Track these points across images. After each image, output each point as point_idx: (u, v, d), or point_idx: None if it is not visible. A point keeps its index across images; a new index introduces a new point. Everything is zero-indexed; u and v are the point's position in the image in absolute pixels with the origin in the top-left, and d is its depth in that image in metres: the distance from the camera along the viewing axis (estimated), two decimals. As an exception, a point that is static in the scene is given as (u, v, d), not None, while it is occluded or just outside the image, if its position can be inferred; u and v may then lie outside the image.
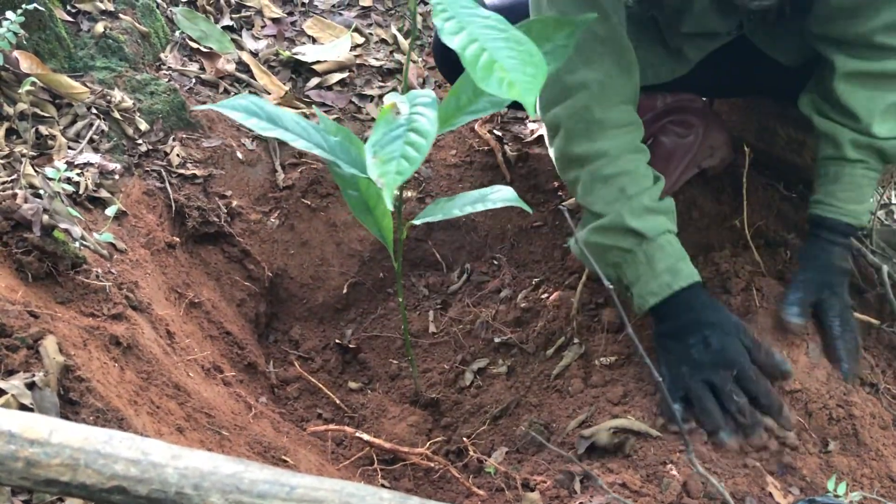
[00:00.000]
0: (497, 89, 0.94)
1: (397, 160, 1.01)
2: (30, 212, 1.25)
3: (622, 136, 1.37)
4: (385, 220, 1.37)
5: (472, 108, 1.26)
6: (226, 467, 0.78)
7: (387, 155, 1.02)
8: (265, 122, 1.20)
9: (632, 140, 1.38)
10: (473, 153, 2.10)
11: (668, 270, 1.34)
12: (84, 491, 0.74)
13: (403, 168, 1.01)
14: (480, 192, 1.32)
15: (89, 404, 1.05)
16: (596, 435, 1.33)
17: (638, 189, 1.35)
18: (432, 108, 1.07)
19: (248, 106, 1.20)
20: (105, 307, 1.28)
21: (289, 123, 1.22)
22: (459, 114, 1.26)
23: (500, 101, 1.25)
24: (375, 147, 1.03)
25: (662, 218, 1.36)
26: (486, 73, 0.94)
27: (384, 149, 1.03)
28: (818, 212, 1.45)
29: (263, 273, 1.85)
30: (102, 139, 1.66)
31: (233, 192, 1.88)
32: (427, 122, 1.04)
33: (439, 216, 1.32)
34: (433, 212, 1.33)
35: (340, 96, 2.18)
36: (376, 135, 1.04)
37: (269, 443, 1.33)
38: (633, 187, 1.35)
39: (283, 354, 1.83)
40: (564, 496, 1.25)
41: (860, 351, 1.43)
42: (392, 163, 1.01)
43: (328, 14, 2.42)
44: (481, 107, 1.26)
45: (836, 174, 1.43)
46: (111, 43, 1.88)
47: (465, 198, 1.33)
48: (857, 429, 1.33)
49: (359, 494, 0.80)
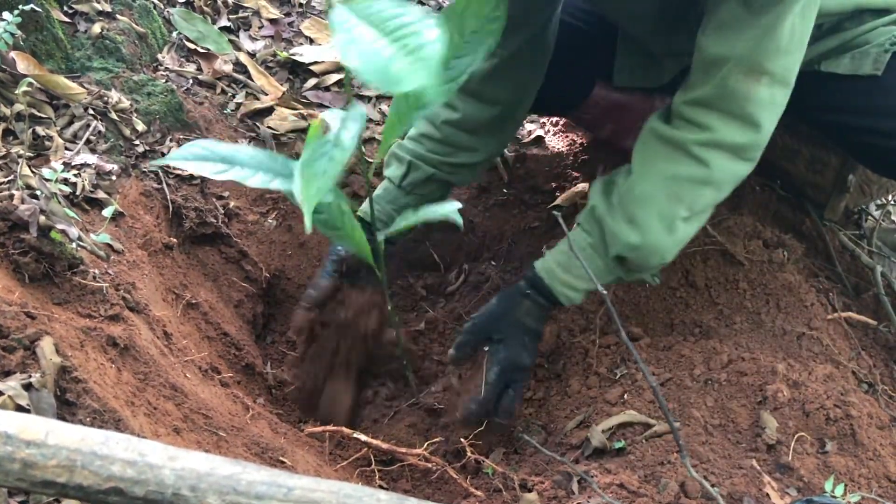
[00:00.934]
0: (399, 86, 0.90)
1: (321, 178, 1.01)
2: (27, 212, 1.24)
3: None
4: (356, 233, 1.35)
5: (421, 103, 1.25)
6: (223, 468, 0.77)
7: (312, 174, 1.02)
8: (219, 165, 1.18)
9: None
10: (471, 154, 2.10)
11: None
12: (81, 492, 0.74)
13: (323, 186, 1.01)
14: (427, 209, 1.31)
15: (86, 405, 1.05)
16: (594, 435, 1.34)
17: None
18: (359, 121, 1.07)
19: (198, 153, 1.19)
20: (102, 308, 1.28)
21: (244, 160, 1.20)
22: (411, 111, 1.25)
23: (449, 88, 1.25)
24: (304, 165, 1.03)
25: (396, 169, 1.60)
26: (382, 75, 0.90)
27: (310, 167, 1.03)
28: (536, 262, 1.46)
29: (261, 274, 1.85)
30: (99, 140, 1.66)
31: (230, 193, 1.88)
32: (349, 137, 1.04)
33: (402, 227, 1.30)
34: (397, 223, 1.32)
35: (338, 97, 2.18)
36: (306, 153, 1.04)
37: (267, 444, 1.33)
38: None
39: (281, 355, 1.83)
40: (562, 497, 1.25)
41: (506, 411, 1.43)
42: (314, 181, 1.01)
43: (326, 15, 2.42)
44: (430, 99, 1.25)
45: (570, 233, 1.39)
46: (108, 44, 1.87)
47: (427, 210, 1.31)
48: (855, 429, 1.33)
49: (356, 495, 0.80)
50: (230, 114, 2.02)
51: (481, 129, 1.55)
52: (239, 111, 2.04)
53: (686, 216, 1.32)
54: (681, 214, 1.31)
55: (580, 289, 1.41)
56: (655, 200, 1.31)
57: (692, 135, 1.28)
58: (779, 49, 1.21)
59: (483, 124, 1.54)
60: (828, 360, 1.47)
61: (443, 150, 1.57)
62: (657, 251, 1.33)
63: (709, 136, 1.27)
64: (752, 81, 1.22)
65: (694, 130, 1.28)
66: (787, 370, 1.42)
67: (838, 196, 1.81)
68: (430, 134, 1.57)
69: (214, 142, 1.20)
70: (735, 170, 1.30)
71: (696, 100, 1.28)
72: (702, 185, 1.30)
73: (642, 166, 1.34)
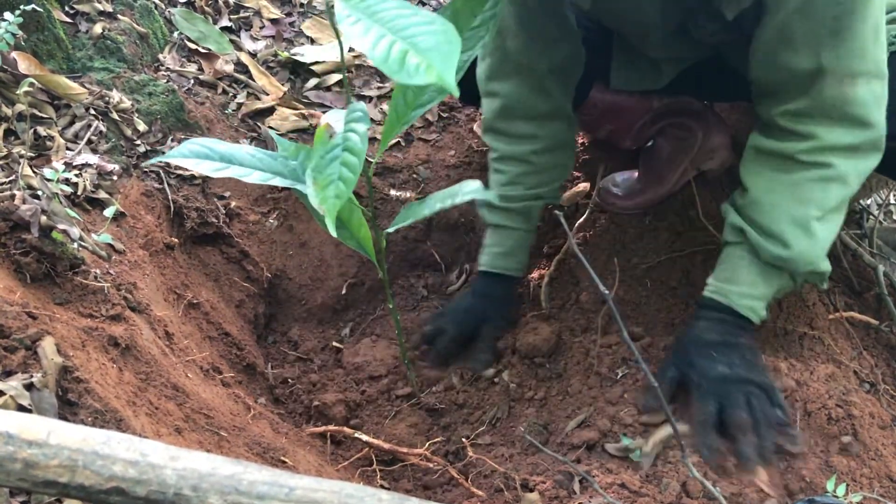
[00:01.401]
0: (415, 76, 0.91)
1: (335, 184, 1.03)
2: (28, 213, 1.24)
3: (509, 147, 1.62)
4: (362, 230, 1.35)
5: (419, 102, 1.26)
6: (224, 468, 0.78)
7: (325, 180, 1.03)
8: (218, 163, 1.19)
9: (517, 151, 1.61)
10: (472, 153, 2.10)
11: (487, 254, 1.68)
12: (82, 492, 0.74)
13: (341, 191, 1.03)
14: (450, 190, 1.32)
15: (88, 405, 1.05)
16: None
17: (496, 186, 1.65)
18: (364, 122, 1.08)
19: (198, 151, 1.19)
20: (103, 308, 1.28)
21: (243, 159, 1.20)
22: (409, 111, 1.26)
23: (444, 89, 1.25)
24: (315, 172, 1.04)
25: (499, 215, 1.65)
26: (399, 65, 0.91)
27: (322, 173, 1.04)
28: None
29: (262, 274, 1.85)
30: (101, 140, 1.66)
31: (231, 193, 1.88)
32: (358, 140, 1.06)
33: (409, 220, 1.31)
34: (404, 217, 1.33)
35: (339, 97, 2.18)
36: (314, 159, 1.05)
37: (268, 444, 1.33)
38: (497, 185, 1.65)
39: (282, 355, 1.83)
40: (564, 497, 1.25)
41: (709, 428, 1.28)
42: (330, 187, 1.02)
43: (327, 15, 2.42)
44: (427, 98, 1.26)
45: (721, 256, 1.40)
46: (109, 44, 1.87)
47: (434, 197, 1.32)
48: (857, 429, 1.33)
49: (357, 495, 0.80)
50: (231, 114, 2.03)
51: (562, 145, 1.63)
52: (240, 111, 2.04)
53: (819, 216, 1.29)
54: (813, 215, 1.29)
55: (757, 295, 1.35)
56: (783, 208, 1.30)
57: (798, 144, 1.27)
58: (865, 48, 1.20)
59: (563, 140, 1.63)
60: (829, 360, 1.47)
61: (545, 179, 1.64)
62: (804, 258, 1.31)
63: (815, 143, 1.26)
64: (848, 85, 1.21)
65: (799, 140, 1.27)
66: (789, 370, 1.42)
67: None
68: (525, 171, 1.62)
69: (214, 140, 1.21)
70: (857, 166, 1.28)
71: (795, 112, 1.27)
72: (825, 183, 1.28)
73: (757, 181, 1.33)
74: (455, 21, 1.25)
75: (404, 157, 2.09)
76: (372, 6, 0.98)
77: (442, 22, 0.96)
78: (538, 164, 1.62)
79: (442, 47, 0.92)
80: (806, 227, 1.29)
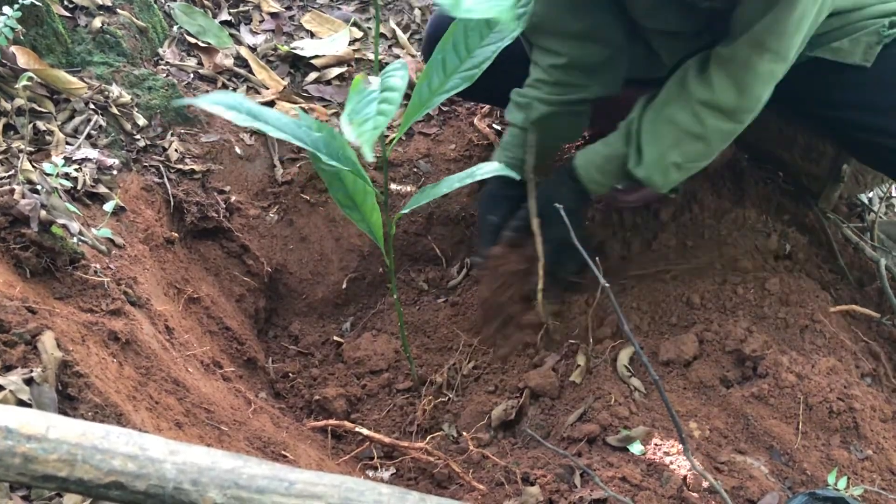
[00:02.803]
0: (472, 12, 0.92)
1: (373, 118, 1.05)
2: (27, 207, 1.24)
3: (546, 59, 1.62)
4: (374, 215, 1.36)
5: (444, 89, 1.27)
6: (224, 462, 0.77)
7: (362, 118, 1.05)
8: (245, 116, 1.19)
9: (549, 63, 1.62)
10: (473, 147, 2.10)
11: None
12: (82, 486, 0.74)
13: (379, 122, 1.04)
14: (468, 170, 1.32)
15: (88, 400, 1.05)
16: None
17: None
18: (404, 69, 1.12)
19: (227, 102, 1.19)
20: (103, 303, 1.28)
21: (270, 118, 1.21)
22: (433, 96, 1.27)
23: (471, 75, 1.27)
24: (351, 115, 1.06)
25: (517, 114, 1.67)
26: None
27: (359, 114, 1.06)
28: None
29: (263, 268, 1.84)
30: (100, 134, 1.65)
31: (231, 188, 1.87)
32: (399, 79, 1.09)
33: (425, 200, 1.32)
34: (420, 199, 1.33)
35: (339, 91, 2.18)
36: (350, 105, 1.08)
37: (269, 438, 1.33)
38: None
39: (283, 350, 1.83)
40: (564, 490, 1.25)
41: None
42: (368, 123, 1.04)
43: (326, 8, 2.42)
44: (453, 84, 1.27)
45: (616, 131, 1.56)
46: (109, 38, 1.87)
47: (451, 178, 1.33)
48: (858, 422, 1.33)
49: (358, 489, 0.80)
50: (231, 108, 2.02)
51: (593, 68, 1.61)
52: (240, 105, 2.03)
53: (678, 162, 1.47)
54: (673, 160, 1.46)
55: (607, 185, 1.60)
56: (662, 141, 1.46)
57: (701, 93, 1.41)
58: (784, 31, 1.31)
59: (594, 64, 1.60)
60: (831, 353, 1.47)
61: (557, 91, 1.62)
62: (651, 184, 1.51)
63: (711, 96, 1.39)
64: (756, 55, 1.34)
65: (704, 88, 1.40)
66: (791, 363, 1.41)
67: (833, 185, 1.81)
68: (542, 78, 1.63)
69: (241, 96, 1.21)
70: (723, 127, 1.43)
71: (720, 56, 1.38)
72: (695, 140, 1.44)
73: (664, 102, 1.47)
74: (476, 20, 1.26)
75: (405, 151, 2.09)
76: None
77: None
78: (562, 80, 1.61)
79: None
80: (665, 167, 1.47)
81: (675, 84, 1.46)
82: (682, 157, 1.46)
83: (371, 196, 1.35)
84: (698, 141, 1.44)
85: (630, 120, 1.52)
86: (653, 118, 1.48)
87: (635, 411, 1.41)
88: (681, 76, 1.46)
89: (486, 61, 1.26)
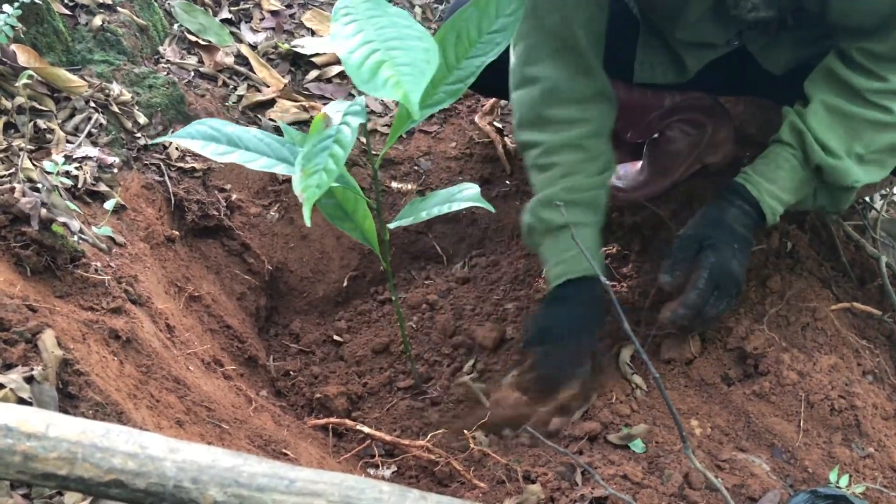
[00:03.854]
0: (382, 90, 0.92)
1: (319, 174, 1.02)
2: (28, 205, 1.24)
3: (563, 133, 1.47)
4: (366, 222, 1.34)
5: (430, 102, 1.23)
6: (224, 461, 0.77)
7: (311, 168, 1.02)
8: (223, 146, 1.17)
9: (572, 137, 1.47)
10: (473, 145, 2.09)
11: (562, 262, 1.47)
12: (82, 485, 0.74)
13: (322, 182, 1.02)
14: (448, 192, 1.30)
15: (88, 398, 1.05)
16: None
17: (551, 183, 1.47)
18: (360, 116, 1.07)
19: (205, 132, 1.18)
20: (104, 301, 1.28)
21: (250, 143, 1.19)
22: (423, 110, 1.23)
23: (456, 90, 1.24)
24: (304, 160, 1.03)
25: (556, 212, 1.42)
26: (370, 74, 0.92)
27: (310, 162, 1.03)
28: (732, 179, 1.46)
29: (263, 266, 1.84)
30: (101, 133, 1.65)
31: (232, 186, 1.87)
32: (349, 133, 1.05)
33: (410, 220, 1.30)
34: (407, 214, 1.32)
35: (340, 89, 2.18)
36: (306, 147, 1.05)
37: (270, 436, 1.33)
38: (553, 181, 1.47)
39: (284, 348, 1.83)
40: (566, 488, 1.25)
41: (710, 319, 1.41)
42: (314, 176, 1.01)
43: (327, 6, 2.41)
44: (438, 99, 1.24)
45: (766, 152, 1.43)
46: (109, 36, 1.87)
47: (434, 198, 1.31)
48: (860, 420, 1.33)
49: (358, 487, 0.80)
50: (232, 106, 2.02)
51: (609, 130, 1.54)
52: (241, 104, 2.03)
53: (861, 154, 1.36)
54: (856, 150, 1.36)
55: (784, 200, 1.42)
56: (836, 132, 1.36)
57: (869, 83, 1.32)
58: None
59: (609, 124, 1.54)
60: (832, 351, 1.46)
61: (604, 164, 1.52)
62: (848, 173, 1.37)
63: (884, 85, 1.32)
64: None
65: (870, 79, 1.32)
66: (792, 360, 1.41)
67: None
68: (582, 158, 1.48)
69: (222, 121, 1.20)
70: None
71: (871, 52, 1.31)
72: (880, 127, 1.34)
73: (823, 99, 1.37)
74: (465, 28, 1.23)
75: (405, 149, 2.08)
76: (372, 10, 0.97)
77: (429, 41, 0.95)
78: (592, 149, 1.49)
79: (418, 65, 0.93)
80: (850, 156, 1.35)
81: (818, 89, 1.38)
82: (864, 147, 1.36)
83: (362, 203, 1.33)
84: (884, 130, 1.35)
85: (789, 122, 1.40)
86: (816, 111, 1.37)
87: (637, 409, 1.41)
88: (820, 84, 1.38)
89: (472, 76, 1.23)
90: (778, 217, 1.42)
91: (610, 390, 1.44)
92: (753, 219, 1.42)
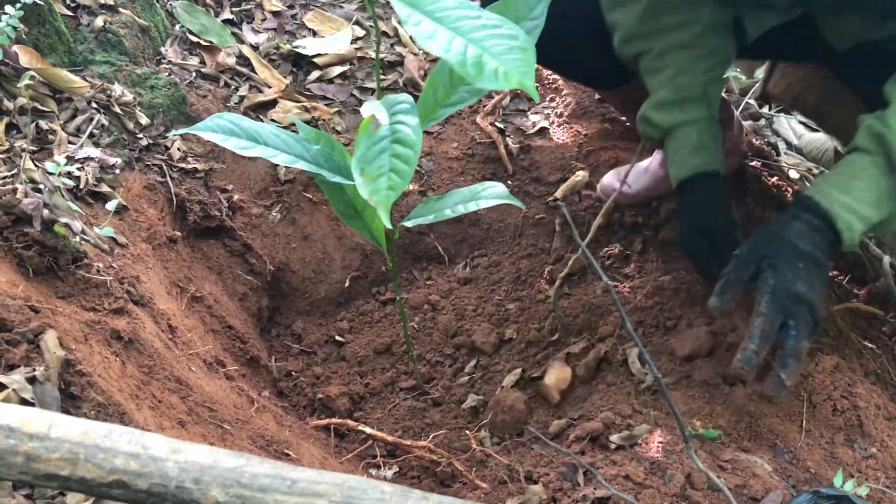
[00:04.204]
0: (495, 82, 0.90)
1: (387, 175, 0.99)
2: (30, 206, 1.24)
3: (666, 39, 1.42)
4: (375, 221, 1.34)
5: (450, 101, 1.23)
6: (226, 461, 0.77)
7: (375, 171, 1.00)
8: (245, 141, 1.17)
9: (684, 39, 1.42)
10: (475, 145, 2.09)
11: (675, 163, 1.44)
12: (84, 485, 0.74)
13: (396, 183, 1.00)
14: (472, 190, 1.30)
15: (90, 399, 1.05)
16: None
17: (662, 84, 1.43)
18: (412, 114, 1.05)
19: (225, 126, 1.17)
20: (106, 301, 1.28)
21: (269, 138, 1.19)
22: (438, 108, 1.24)
23: (477, 90, 1.23)
24: (362, 163, 1.00)
25: (675, 111, 1.42)
26: (477, 70, 0.90)
27: (371, 164, 1.00)
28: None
29: (265, 267, 1.84)
30: (103, 133, 1.66)
31: (234, 186, 1.87)
32: (411, 132, 1.02)
33: (431, 217, 1.30)
34: (424, 212, 1.31)
35: (341, 89, 2.18)
36: (360, 150, 1.02)
37: (272, 437, 1.33)
38: (664, 83, 1.43)
39: (286, 348, 1.83)
40: (568, 488, 1.25)
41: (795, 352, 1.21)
42: (382, 179, 0.99)
43: (328, 7, 2.41)
44: (459, 98, 1.24)
45: (839, 162, 1.29)
46: (111, 37, 1.87)
47: (456, 196, 1.30)
48: (862, 420, 1.33)
49: (360, 488, 0.80)
50: (234, 107, 2.02)
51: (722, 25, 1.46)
52: (242, 104, 2.03)
53: None
54: None
55: (862, 214, 1.22)
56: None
57: None
58: None
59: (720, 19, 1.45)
60: (835, 351, 1.46)
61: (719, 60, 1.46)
62: None
63: None
64: None
65: None
66: (794, 361, 1.41)
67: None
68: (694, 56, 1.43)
69: (240, 116, 1.19)
70: None
71: None
72: None
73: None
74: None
75: (407, 149, 2.08)
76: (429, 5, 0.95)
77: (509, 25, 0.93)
78: (704, 46, 1.42)
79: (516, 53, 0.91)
80: None
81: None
82: None
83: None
84: None
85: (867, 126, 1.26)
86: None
87: (639, 409, 1.41)
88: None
89: None
90: (857, 235, 1.23)
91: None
92: (825, 235, 1.23)
